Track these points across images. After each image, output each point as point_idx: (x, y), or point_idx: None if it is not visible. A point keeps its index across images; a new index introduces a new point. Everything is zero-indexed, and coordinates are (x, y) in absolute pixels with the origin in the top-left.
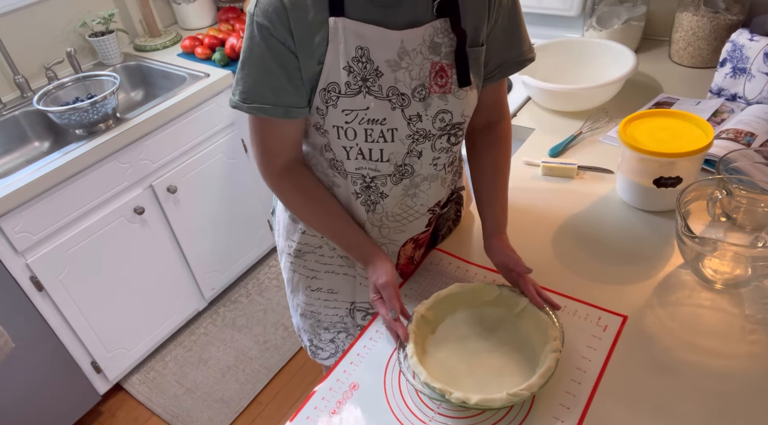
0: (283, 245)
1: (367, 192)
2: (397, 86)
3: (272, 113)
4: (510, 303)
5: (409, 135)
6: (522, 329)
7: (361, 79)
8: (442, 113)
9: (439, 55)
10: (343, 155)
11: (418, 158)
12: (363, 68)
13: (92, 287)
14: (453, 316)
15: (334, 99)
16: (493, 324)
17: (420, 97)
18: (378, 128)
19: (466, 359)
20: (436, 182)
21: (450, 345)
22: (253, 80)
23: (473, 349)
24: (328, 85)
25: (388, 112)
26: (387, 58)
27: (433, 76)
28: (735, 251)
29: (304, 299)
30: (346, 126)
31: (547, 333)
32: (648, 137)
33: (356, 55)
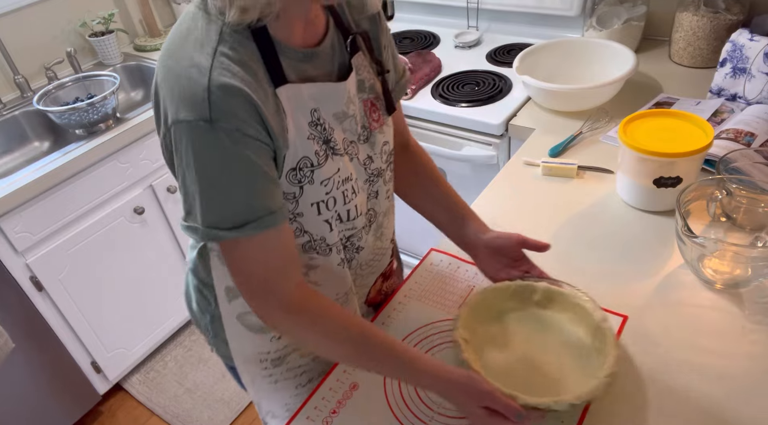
0: (248, 369)
1: (348, 252)
2: (347, 136)
3: (274, 221)
4: (525, 294)
5: (366, 180)
6: (555, 318)
7: (324, 142)
8: (385, 146)
9: (365, 92)
10: (325, 230)
11: (376, 198)
12: (322, 130)
13: (92, 287)
14: (486, 329)
15: (308, 175)
16: (526, 322)
17: (364, 139)
18: (349, 185)
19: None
20: (390, 213)
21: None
22: (243, 197)
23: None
24: (299, 162)
25: (350, 165)
26: (335, 112)
27: (369, 114)
28: (735, 251)
29: (287, 400)
30: (326, 197)
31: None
32: (648, 137)
33: (312, 120)
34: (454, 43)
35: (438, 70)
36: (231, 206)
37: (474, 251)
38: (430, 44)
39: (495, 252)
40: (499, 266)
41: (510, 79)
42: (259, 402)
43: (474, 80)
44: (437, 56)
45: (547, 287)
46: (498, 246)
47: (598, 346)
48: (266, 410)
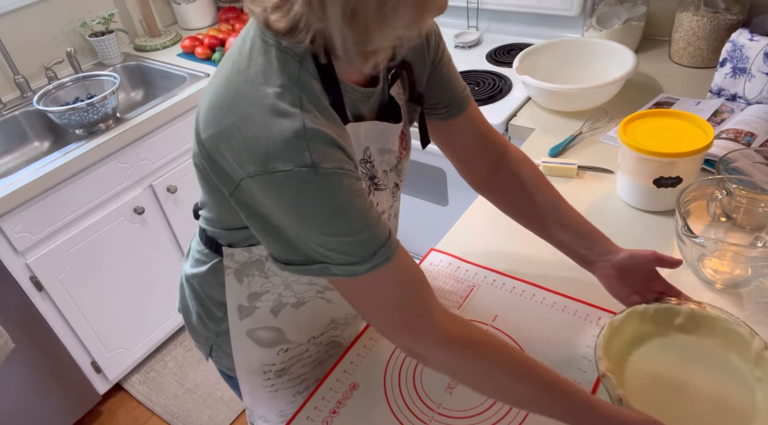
0: (250, 380)
1: None
2: (384, 168)
3: (397, 244)
4: (667, 317)
5: (391, 205)
6: (703, 345)
7: (369, 179)
8: (403, 172)
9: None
10: None
11: (395, 217)
12: (371, 167)
13: (92, 287)
14: (627, 359)
15: None
16: (670, 349)
17: (392, 167)
18: (385, 216)
19: (678, 402)
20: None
21: (650, 391)
22: (364, 228)
23: (675, 387)
24: None
25: (385, 197)
26: (380, 147)
27: (400, 143)
28: (735, 251)
29: (282, 407)
30: None
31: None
32: (648, 137)
33: (364, 157)
34: (454, 43)
35: None
36: (356, 240)
37: (602, 272)
38: None
39: (627, 273)
40: (631, 289)
41: (510, 79)
42: (253, 409)
43: (474, 80)
44: None
45: (692, 310)
46: (631, 266)
47: (759, 376)
48: (259, 415)
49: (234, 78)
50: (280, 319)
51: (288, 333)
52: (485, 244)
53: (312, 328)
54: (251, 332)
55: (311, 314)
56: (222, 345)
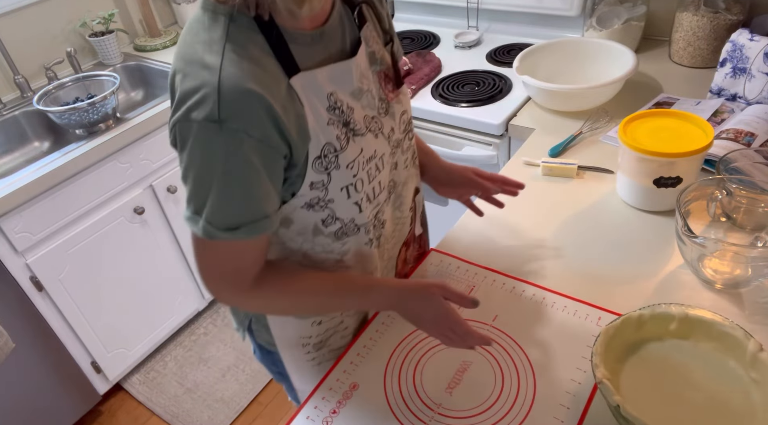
0: (291, 354)
1: (375, 231)
2: (367, 113)
3: (265, 227)
4: (661, 323)
5: (390, 153)
6: (699, 349)
7: (344, 125)
8: (403, 115)
9: (377, 64)
10: (355, 212)
11: (396, 169)
12: (340, 113)
13: (92, 287)
14: (624, 365)
15: (333, 161)
16: (665, 354)
17: (384, 111)
18: (373, 163)
19: (675, 406)
20: (408, 182)
21: (648, 397)
22: (237, 202)
23: (672, 392)
24: (323, 149)
25: (374, 142)
26: (351, 90)
27: (383, 85)
28: (735, 251)
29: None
30: (354, 179)
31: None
32: (648, 137)
33: (330, 104)
34: (454, 43)
35: (438, 70)
36: (228, 209)
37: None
38: (430, 44)
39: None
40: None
41: (510, 79)
42: (299, 387)
43: (474, 80)
44: (437, 56)
45: (685, 315)
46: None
47: (756, 378)
48: (301, 389)
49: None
50: None
51: None
52: (485, 244)
53: None
54: None
55: None
56: (261, 317)
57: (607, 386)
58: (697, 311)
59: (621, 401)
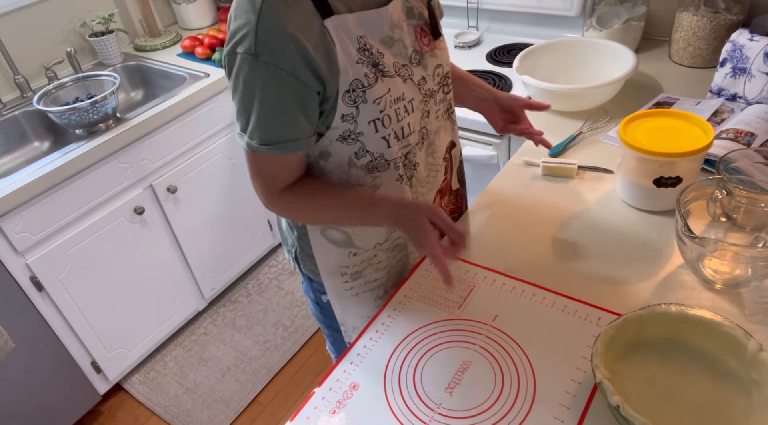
0: (332, 281)
1: (407, 169)
2: (398, 60)
3: (293, 148)
4: (660, 323)
5: (421, 100)
6: (699, 348)
7: (373, 66)
8: (437, 68)
9: (414, 18)
10: (383, 147)
11: (428, 117)
12: (370, 55)
13: (92, 287)
14: (624, 365)
15: (361, 95)
16: (664, 354)
17: (417, 62)
18: (401, 104)
19: (675, 406)
20: (441, 132)
21: (647, 396)
22: (271, 123)
23: (671, 391)
24: (351, 84)
25: (403, 86)
26: (381, 37)
27: (419, 38)
28: (735, 251)
29: (368, 312)
30: (381, 115)
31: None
32: (648, 137)
33: (360, 46)
34: (454, 43)
35: None
36: (265, 128)
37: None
38: None
39: (503, 110)
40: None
41: (510, 79)
42: (344, 321)
43: None
44: None
45: (685, 315)
46: (507, 106)
47: (755, 378)
48: (352, 326)
49: None
50: None
51: (354, 237)
52: (485, 244)
53: (375, 234)
54: (324, 231)
55: None
56: (304, 246)
57: (607, 386)
58: (697, 311)
59: (621, 401)
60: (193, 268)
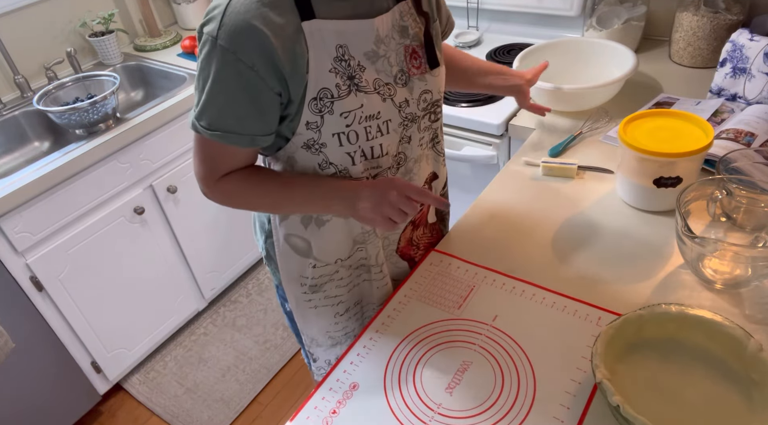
0: (292, 289)
1: None
2: (380, 77)
3: (236, 141)
4: (660, 323)
5: (400, 123)
6: (698, 348)
7: (348, 78)
8: (424, 94)
9: (408, 38)
10: (347, 162)
11: (408, 143)
12: (347, 66)
13: (92, 287)
14: (624, 365)
15: (328, 105)
16: (664, 354)
17: (402, 83)
18: (375, 123)
19: (674, 406)
20: (422, 161)
21: (647, 396)
22: (217, 109)
23: (670, 391)
24: (319, 92)
25: (380, 104)
26: (365, 51)
27: (408, 60)
28: (735, 251)
29: (327, 327)
30: (347, 130)
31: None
32: (648, 137)
33: (337, 55)
34: (454, 43)
35: None
36: (210, 111)
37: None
38: None
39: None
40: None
41: None
42: (303, 330)
43: None
44: None
45: (685, 315)
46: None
47: (755, 378)
48: (310, 338)
49: None
50: (309, 232)
51: (315, 249)
52: (485, 244)
53: (336, 249)
54: (288, 237)
55: (333, 234)
56: (270, 251)
57: (607, 386)
58: (697, 311)
59: (621, 401)
60: (193, 268)
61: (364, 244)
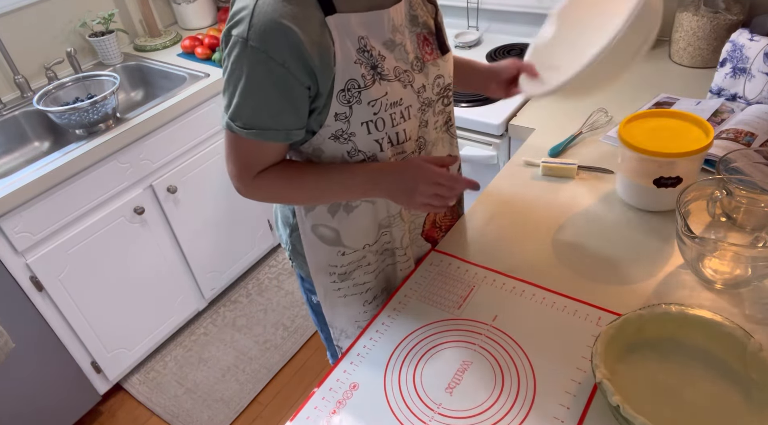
0: (321, 280)
1: None
2: (399, 65)
3: (273, 137)
4: (660, 323)
5: (419, 108)
6: (698, 347)
7: (372, 68)
8: (438, 79)
9: (419, 27)
10: (376, 149)
11: (426, 127)
12: (369, 57)
13: (92, 287)
14: (624, 365)
15: (356, 95)
16: (664, 354)
17: (419, 69)
18: (398, 109)
19: (676, 406)
20: (438, 144)
21: (647, 396)
22: (252, 107)
23: (671, 391)
24: (347, 83)
25: (402, 91)
26: (384, 40)
27: (422, 47)
28: (735, 251)
29: (356, 316)
30: (375, 117)
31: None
32: (648, 137)
33: (360, 46)
34: (454, 43)
35: None
36: (245, 111)
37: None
38: None
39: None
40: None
41: None
42: (332, 323)
43: None
44: None
45: (685, 315)
46: (499, 68)
47: (755, 378)
48: (339, 329)
49: None
50: (336, 221)
51: (344, 236)
52: (485, 244)
53: (365, 235)
54: (315, 227)
55: (361, 220)
56: (296, 244)
57: (607, 386)
58: (697, 311)
59: (621, 401)
60: (193, 268)
61: (389, 227)
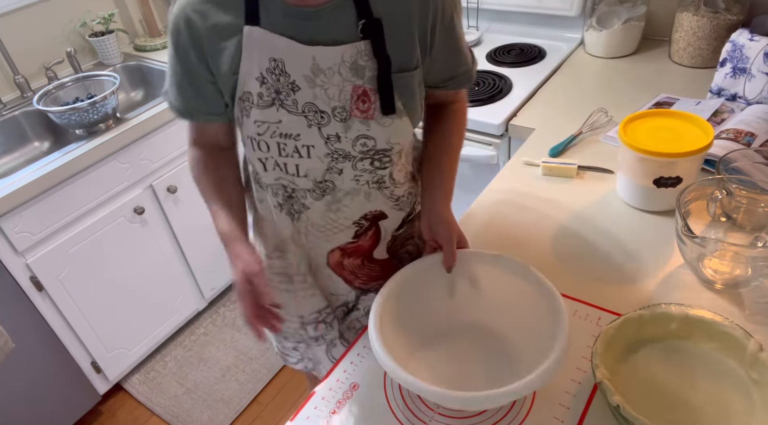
0: None
1: (290, 202)
2: (316, 103)
3: (179, 113)
4: (661, 323)
5: (327, 153)
6: (699, 349)
7: (275, 92)
8: (363, 138)
9: (362, 79)
10: (260, 168)
11: (339, 175)
12: (276, 81)
13: (92, 287)
14: (624, 365)
15: (247, 109)
16: (666, 354)
17: (341, 118)
18: (291, 143)
19: (675, 406)
20: (359, 196)
21: (647, 396)
22: (169, 79)
23: (671, 392)
24: (243, 94)
25: (303, 128)
26: (303, 73)
27: (354, 100)
28: (735, 251)
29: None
30: (258, 138)
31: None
32: (648, 137)
33: (270, 67)
34: None
35: None
36: (171, 90)
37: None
38: None
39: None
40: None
41: (510, 79)
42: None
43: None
44: None
45: (685, 315)
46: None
47: (755, 378)
48: None
49: None
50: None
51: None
52: (485, 244)
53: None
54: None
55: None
56: None
57: (607, 386)
58: (697, 311)
59: (621, 401)
60: (193, 268)
61: (284, 252)
